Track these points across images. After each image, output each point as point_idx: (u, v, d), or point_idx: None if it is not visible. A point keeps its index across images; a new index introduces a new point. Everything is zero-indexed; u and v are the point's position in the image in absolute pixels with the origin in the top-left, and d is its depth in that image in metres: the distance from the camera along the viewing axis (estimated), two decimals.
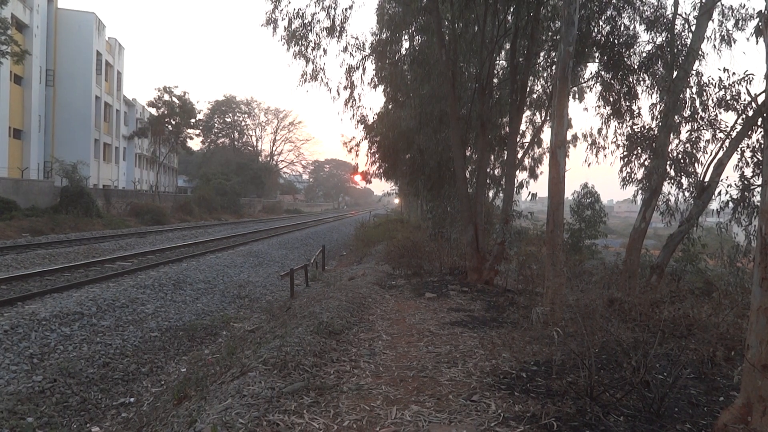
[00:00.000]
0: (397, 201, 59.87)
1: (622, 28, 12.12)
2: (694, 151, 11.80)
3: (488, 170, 16.34)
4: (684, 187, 12.00)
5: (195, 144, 66.04)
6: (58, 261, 14.85)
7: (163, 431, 4.36)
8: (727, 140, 10.71)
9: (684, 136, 11.98)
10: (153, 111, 46.64)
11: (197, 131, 60.92)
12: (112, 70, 45.79)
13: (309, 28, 13.42)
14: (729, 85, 10.73)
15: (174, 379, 7.03)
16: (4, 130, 31.36)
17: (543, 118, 17.01)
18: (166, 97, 44.60)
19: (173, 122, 45.17)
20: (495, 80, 14.10)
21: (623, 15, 12.10)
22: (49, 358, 7.01)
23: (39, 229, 21.84)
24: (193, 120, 48.49)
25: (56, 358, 7.04)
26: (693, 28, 11.32)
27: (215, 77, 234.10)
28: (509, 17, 12.25)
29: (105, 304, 9.63)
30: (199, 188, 52.09)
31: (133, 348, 8.09)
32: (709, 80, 11.29)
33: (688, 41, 11.35)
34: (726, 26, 11.45)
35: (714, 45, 11.51)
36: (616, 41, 12.02)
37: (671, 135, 11.48)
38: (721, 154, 10.63)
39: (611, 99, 13.02)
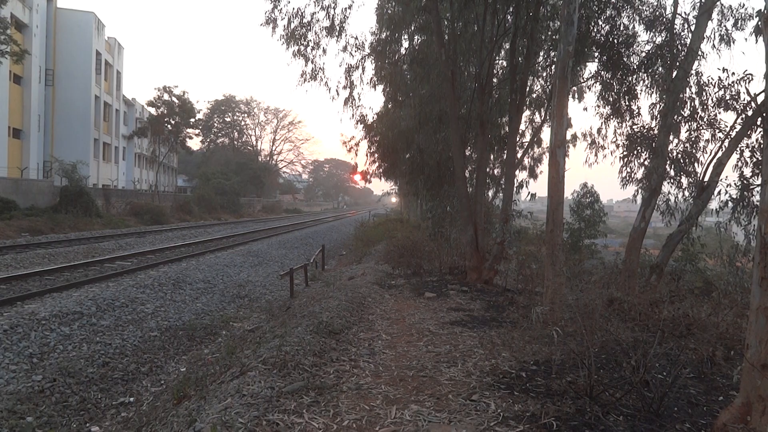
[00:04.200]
0: (395, 200, 59.91)
1: (621, 28, 12.13)
2: (694, 150, 11.81)
3: (488, 170, 16.34)
4: (683, 187, 12.02)
5: (194, 143, 66.12)
6: (58, 261, 14.84)
7: (162, 431, 4.36)
8: (727, 140, 10.72)
9: (684, 135, 12.00)
10: (152, 110, 46.64)
11: (197, 131, 61.12)
12: (111, 70, 45.76)
13: (308, 27, 13.44)
14: (728, 84, 10.74)
15: (174, 379, 7.03)
16: (4, 129, 31.34)
17: (542, 118, 17.05)
18: (166, 96, 44.64)
19: (173, 122, 45.18)
20: (494, 80, 14.10)
21: (623, 15, 12.11)
22: (48, 358, 7.00)
23: (38, 229, 21.83)
24: (192, 119, 48.54)
25: (56, 358, 7.04)
26: (692, 28, 11.32)
27: (215, 77, 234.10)
28: (509, 17, 12.26)
29: (104, 303, 9.62)
30: (199, 188, 52.11)
31: (133, 347, 8.08)
32: (708, 80, 11.30)
33: (688, 41, 11.34)
34: (725, 26, 11.47)
35: (713, 45, 11.52)
36: (615, 41, 12.02)
37: (671, 135, 11.48)
38: (720, 153, 10.63)
39: (611, 99, 13.04)
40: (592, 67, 14.29)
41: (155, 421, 4.87)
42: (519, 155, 16.24)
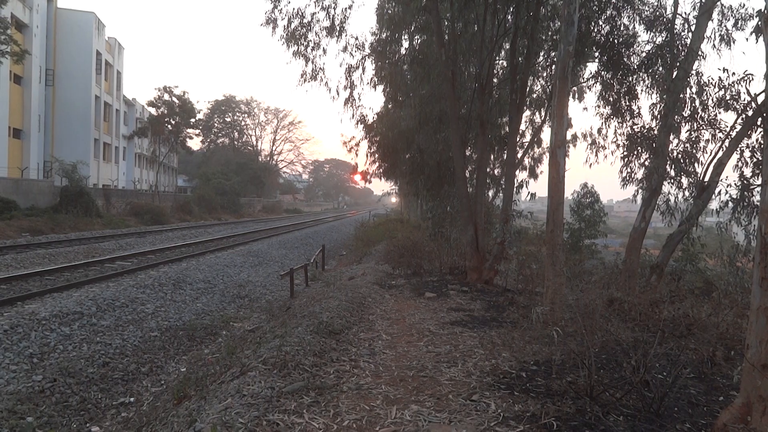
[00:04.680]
0: (396, 201, 59.91)
1: (621, 28, 12.13)
2: (694, 150, 11.81)
3: (488, 170, 16.33)
4: (684, 187, 12.02)
5: (195, 144, 66.10)
6: (58, 261, 14.84)
7: (163, 431, 4.36)
8: (727, 140, 10.72)
9: (684, 135, 12.00)
10: (153, 111, 46.64)
11: (197, 131, 61.10)
12: (111, 70, 45.77)
13: (308, 27, 13.44)
14: (729, 84, 10.74)
15: (174, 379, 7.03)
16: (4, 129, 31.35)
17: (543, 118, 17.02)
18: (166, 96, 44.64)
19: (173, 122, 45.17)
20: (495, 80, 14.11)
21: (623, 15, 12.11)
22: (48, 358, 7.00)
23: (39, 229, 21.83)
24: (192, 120, 48.52)
25: (56, 358, 7.04)
26: (693, 28, 11.32)
27: (215, 77, 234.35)
28: (509, 17, 12.26)
29: (105, 303, 9.63)
30: (199, 188, 52.10)
31: (133, 348, 8.08)
32: (708, 80, 11.30)
33: (688, 41, 11.35)
34: (725, 26, 11.47)
35: (714, 45, 11.52)
36: (615, 41, 12.02)
37: (671, 135, 11.48)
38: (720, 153, 10.63)
39: (611, 99, 13.03)
40: (592, 67, 14.29)
41: (155, 421, 4.87)
42: (519, 155, 16.21)
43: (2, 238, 18.95)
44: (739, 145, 10.54)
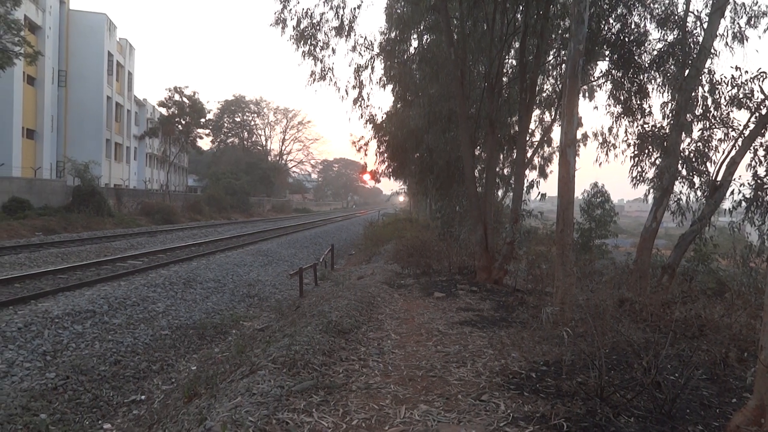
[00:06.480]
0: (404, 200, 59.90)
1: (632, 26, 12.04)
2: (706, 149, 11.67)
3: (497, 169, 16.28)
4: (696, 187, 11.89)
5: (205, 143, 66.46)
6: (71, 260, 15.01)
7: (173, 429, 4.39)
8: (740, 139, 10.59)
9: (696, 134, 11.87)
10: (163, 111, 46.97)
11: (207, 131, 61.42)
12: (123, 71, 46.17)
13: (317, 27, 13.46)
14: (742, 83, 10.61)
15: (184, 377, 7.08)
16: (18, 130, 31.74)
17: (552, 117, 16.95)
18: (177, 97, 44.88)
19: (183, 122, 45.43)
20: (504, 79, 14.04)
21: (634, 13, 12.01)
22: (61, 356, 7.09)
23: (51, 228, 22.10)
24: (203, 120, 48.74)
25: (69, 356, 7.12)
26: (705, 26, 11.19)
27: (225, 77, 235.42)
28: (518, 15, 12.20)
29: (116, 302, 9.72)
30: (209, 187, 52.42)
31: (144, 346, 8.16)
32: (721, 78, 11.15)
33: (700, 39, 11.22)
34: (738, 23, 11.34)
35: (726, 42, 11.40)
36: (626, 39, 11.92)
37: (683, 134, 11.36)
38: (733, 152, 10.50)
39: (622, 97, 12.93)
40: (602, 65, 14.21)
41: (166, 419, 4.91)
42: (529, 155, 16.13)
43: (16, 237, 19.20)
44: (753, 144, 10.42)
